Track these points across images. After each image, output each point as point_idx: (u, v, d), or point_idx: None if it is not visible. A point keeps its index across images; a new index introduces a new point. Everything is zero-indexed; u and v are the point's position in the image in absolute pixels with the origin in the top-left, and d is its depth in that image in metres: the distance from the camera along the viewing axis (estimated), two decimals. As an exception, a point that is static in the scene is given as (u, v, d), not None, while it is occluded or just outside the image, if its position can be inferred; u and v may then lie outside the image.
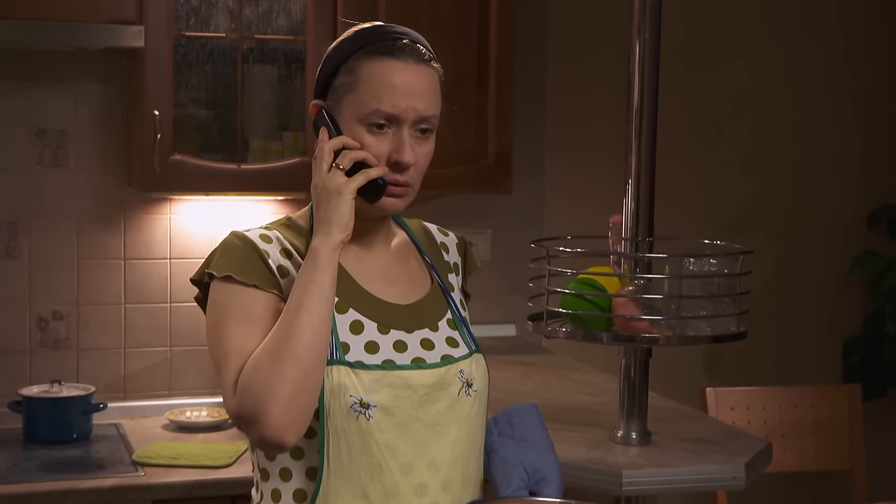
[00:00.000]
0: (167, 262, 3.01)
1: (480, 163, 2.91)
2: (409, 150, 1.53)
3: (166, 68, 2.66)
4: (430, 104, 1.54)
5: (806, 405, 3.20)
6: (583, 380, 2.76)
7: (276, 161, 2.78)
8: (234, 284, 1.51)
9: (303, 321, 1.44)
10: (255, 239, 1.55)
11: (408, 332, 1.57)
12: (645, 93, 2.00)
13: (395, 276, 1.62)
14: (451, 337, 1.60)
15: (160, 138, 2.64)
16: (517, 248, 3.26)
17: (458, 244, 1.76)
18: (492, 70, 2.89)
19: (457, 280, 1.72)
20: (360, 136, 1.53)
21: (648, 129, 2.02)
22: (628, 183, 2.01)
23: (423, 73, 1.54)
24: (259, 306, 1.50)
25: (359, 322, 1.54)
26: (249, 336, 1.48)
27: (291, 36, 2.80)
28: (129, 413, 2.97)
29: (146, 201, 2.96)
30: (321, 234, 1.48)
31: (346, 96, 1.53)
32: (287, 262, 1.54)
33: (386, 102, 1.51)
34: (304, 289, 1.46)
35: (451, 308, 1.64)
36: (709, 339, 1.95)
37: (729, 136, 3.62)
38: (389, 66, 1.52)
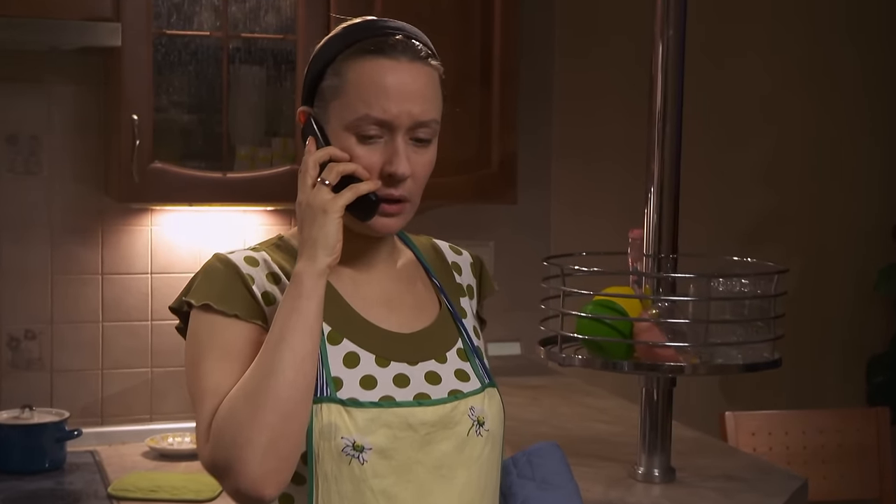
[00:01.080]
0: (148, 276, 2.93)
1: (483, 171, 2.85)
2: (403, 161, 1.41)
3: (146, 69, 2.59)
4: (428, 107, 1.43)
5: (831, 430, 3.12)
6: (595, 405, 2.67)
7: (264, 169, 2.71)
8: (213, 314, 1.41)
9: (284, 357, 1.33)
10: (239, 262, 1.45)
11: (411, 364, 1.46)
12: (668, 95, 1.89)
13: (397, 301, 1.51)
14: (460, 369, 1.49)
15: (139, 145, 2.56)
16: (522, 262, 3.24)
17: (473, 264, 1.65)
18: (496, 70, 2.83)
19: (470, 304, 1.61)
20: (348, 146, 1.42)
21: (672, 134, 1.91)
22: (650, 193, 1.88)
23: (419, 72, 1.43)
24: (239, 339, 1.40)
25: (354, 354, 1.43)
26: (227, 373, 1.37)
27: (281, 34, 2.73)
28: (106, 439, 2.87)
29: (125, 212, 2.88)
30: (305, 258, 1.37)
31: (332, 101, 1.43)
32: (274, 287, 1.44)
33: (376, 107, 1.40)
34: (286, 320, 1.35)
35: (461, 336, 1.52)
36: (740, 368, 1.82)
37: (748, 144, 3.57)
38: (379, 66, 1.41)
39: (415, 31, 1.48)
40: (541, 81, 3.31)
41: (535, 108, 3.30)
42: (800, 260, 3.60)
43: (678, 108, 1.88)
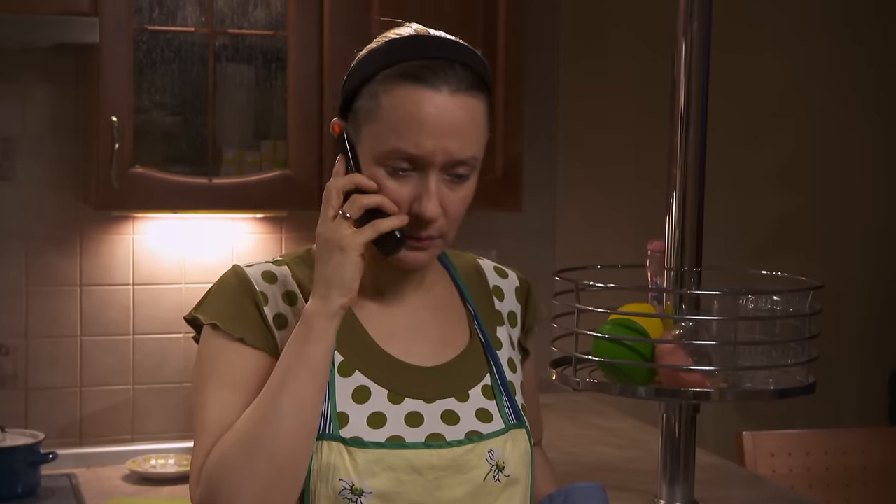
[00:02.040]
0: (129, 288, 2.87)
1: (487, 176, 2.68)
2: (433, 201, 1.32)
3: (125, 67, 2.53)
4: (468, 144, 1.34)
5: (855, 450, 3.02)
6: (606, 427, 2.61)
7: (252, 174, 2.66)
8: (220, 335, 1.36)
9: (282, 405, 1.28)
10: (255, 277, 1.39)
11: (427, 401, 1.38)
12: (692, 96, 1.81)
13: (423, 331, 1.43)
14: (483, 409, 1.41)
15: (118, 148, 2.51)
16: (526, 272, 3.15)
17: (519, 288, 1.57)
18: (500, 71, 2.77)
19: (510, 333, 1.52)
20: (377, 175, 1.34)
21: (696, 137, 1.83)
22: (671, 200, 1.77)
23: (461, 105, 1.33)
24: (244, 367, 1.35)
25: (365, 388, 1.37)
26: (228, 407, 1.33)
27: (271, 31, 2.68)
28: (84, 461, 2.79)
29: (105, 220, 2.84)
30: (317, 297, 1.31)
31: (365, 126, 1.35)
32: (288, 309, 1.38)
33: (408, 141, 1.31)
34: (290, 364, 1.29)
35: (491, 371, 1.44)
36: (773, 394, 1.70)
37: (762, 145, 3.53)
38: (417, 96, 1.31)
39: (466, 52, 1.37)
40: (546, 82, 3.27)
41: (541, 110, 3.26)
42: (817, 268, 3.54)
43: (703, 109, 1.80)
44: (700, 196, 1.82)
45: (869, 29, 3.59)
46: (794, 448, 2.97)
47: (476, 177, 1.38)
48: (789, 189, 3.55)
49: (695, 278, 1.80)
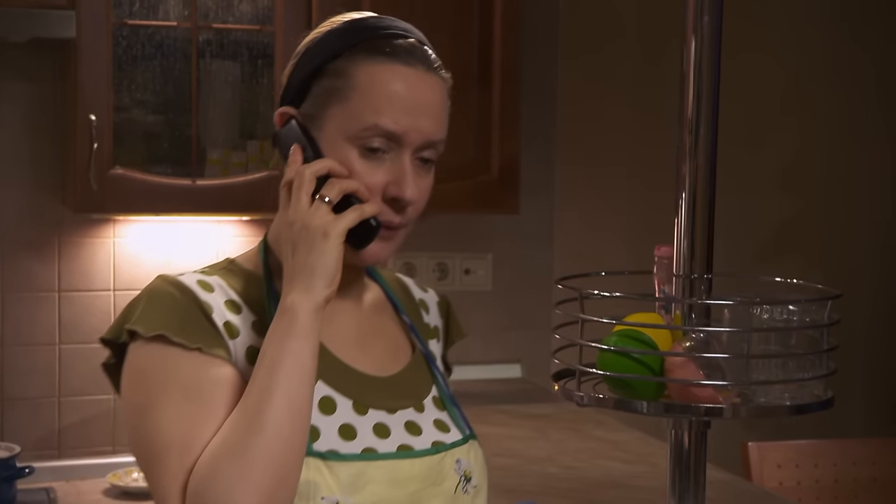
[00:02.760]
0: (110, 294, 2.85)
1: (482, 177, 2.79)
2: (412, 183, 1.30)
3: (104, 64, 2.50)
4: (440, 125, 1.33)
5: (865, 461, 2.96)
6: (609, 439, 2.54)
7: (238, 175, 2.65)
8: (169, 347, 1.25)
9: (278, 407, 1.20)
10: (193, 286, 1.30)
11: (390, 412, 1.35)
12: (703, 94, 1.69)
13: (371, 340, 1.40)
14: (439, 419, 1.39)
15: (97, 148, 2.49)
16: (522, 276, 3.22)
17: (440, 303, 1.55)
18: (496, 68, 2.78)
19: (437, 348, 1.51)
20: (348, 159, 1.29)
21: (707, 137, 1.71)
22: (680, 201, 1.69)
23: (434, 84, 1.33)
24: (205, 377, 1.25)
25: (330, 399, 1.31)
26: (196, 420, 1.22)
27: (257, 25, 2.68)
28: (63, 474, 2.72)
29: (84, 223, 2.81)
30: (300, 289, 1.24)
31: (332, 106, 1.30)
32: (235, 317, 1.30)
33: (387, 117, 1.28)
34: (279, 363, 1.22)
35: (436, 382, 1.43)
36: (789, 409, 1.61)
37: (765, 147, 3.48)
38: (394, 72, 1.30)
39: (422, 36, 1.37)
40: (544, 81, 3.24)
41: (538, 109, 3.23)
42: (821, 273, 3.51)
43: (713, 107, 1.68)
44: (711, 198, 1.73)
45: (873, 29, 3.57)
46: (802, 459, 2.92)
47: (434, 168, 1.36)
48: (792, 192, 3.52)
49: (705, 286, 1.70)
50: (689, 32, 1.71)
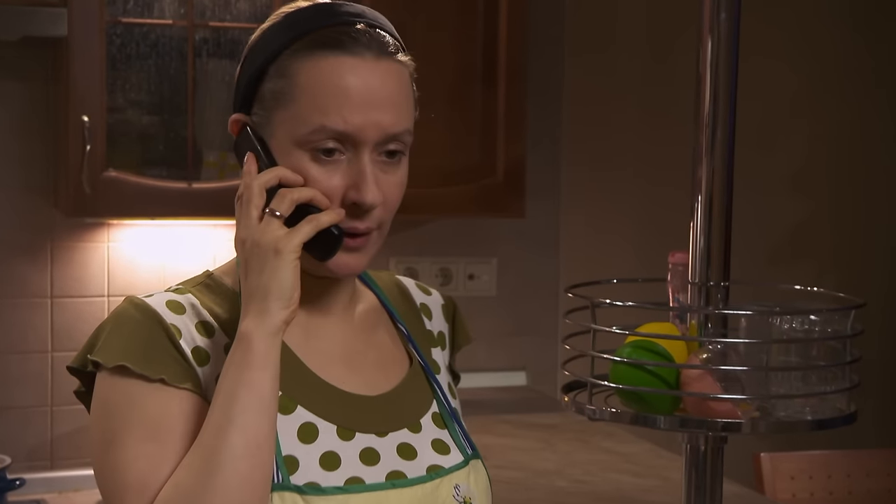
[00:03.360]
0: (104, 300, 2.81)
1: (487, 180, 2.75)
2: (371, 186, 1.20)
3: (97, 63, 2.48)
4: (400, 116, 1.23)
5: (880, 472, 2.91)
6: (619, 451, 2.49)
7: (235, 178, 2.58)
8: (131, 379, 1.18)
9: (234, 444, 1.12)
10: (161, 309, 1.22)
11: (380, 435, 1.27)
12: (719, 93, 1.64)
13: (360, 356, 1.32)
14: (438, 439, 1.31)
15: (90, 150, 2.46)
16: (528, 281, 3.20)
17: (445, 307, 1.46)
18: (501, 68, 2.74)
19: (443, 356, 1.41)
20: (301, 165, 1.20)
21: (724, 138, 1.66)
22: (696, 205, 1.64)
23: (389, 71, 1.22)
24: (169, 412, 1.18)
25: (311, 425, 1.23)
26: (156, 460, 1.16)
27: (255, 24, 2.57)
28: (56, 486, 2.71)
29: (77, 227, 2.78)
30: (254, 314, 1.16)
31: (278, 110, 1.22)
32: (206, 341, 1.23)
33: (335, 117, 1.19)
34: (234, 395, 1.14)
35: (437, 397, 1.34)
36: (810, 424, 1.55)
37: (776, 149, 3.44)
38: (339, 65, 1.20)
39: (377, 17, 1.27)
40: (550, 81, 3.21)
41: (543, 110, 3.20)
42: (834, 278, 3.47)
43: (731, 106, 1.64)
44: (728, 202, 1.68)
45: (885, 31, 3.54)
46: (815, 471, 2.87)
47: (407, 157, 1.26)
48: (804, 195, 3.48)
49: (722, 294, 1.64)
50: (705, 31, 1.67)
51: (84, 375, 1.23)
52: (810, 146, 3.48)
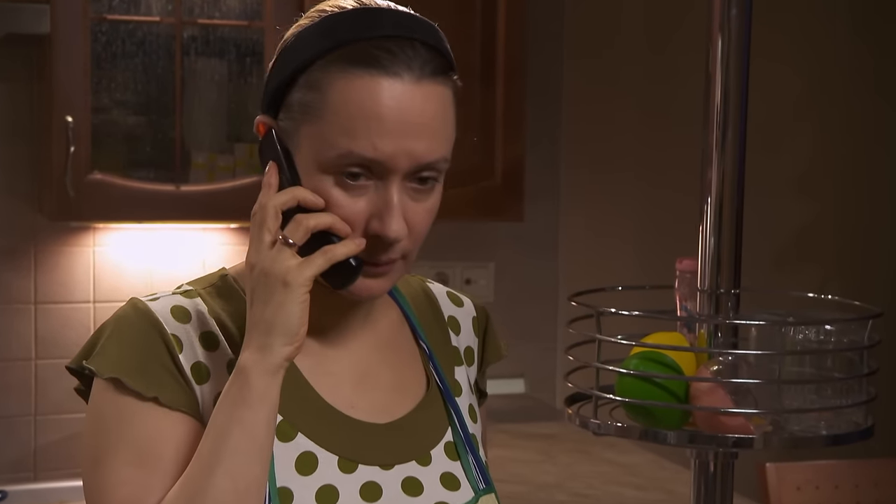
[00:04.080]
0: (90, 306, 2.79)
1: (485, 182, 2.73)
2: (397, 218, 1.11)
3: (82, 61, 2.46)
4: (436, 143, 1.13)
5: (888, 482, 2.86)
6: (621, 462, 2.45)
7: (225, 181, 2.61)
8: (124, 394, 1.12)
9: (219, 486, 1.07)
10: (164, 316, 1.16)
11: (385, 468, 1.19)
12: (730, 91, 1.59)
13: (374, 377, 1.24)
14: (448, 473, 1.23)
15: (74, 152, 2.44)
16: (526, 286, 3.19)
17: (477, 319, 1.36)
18: (500, 65, 2.73)
19: (468, 373, 1.33)
20: (324, 187, 1.12)
21: (735, 140, 1.61)
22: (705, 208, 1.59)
23: (428, 95, 1.13)
24: (161, 435, 1.12)
25: (310, 455, 1.16)
26: (141, 488, 1.10)
27: (245, 21, 2.65)
28: (40, 498, 2.70)
29: (62, 231, 2.76)
30: (254, 348, 1.09)
31: (305, 125, 1.13)
32: (208, 355, 1.16)
33: (364, 143, 1.10)
34: (226, 433, 1.08)
35: (453, 424, 1.26)
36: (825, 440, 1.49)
37: (781, 151, 3.40)
38: (374, 85, 1.11)
39: (425, 26, 1.16)
40: (549, 80, 3.19)
41: (542, 110, 3.18)
42: (839, 283, 3.45)
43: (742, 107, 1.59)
44: (738, 206, 1.63)
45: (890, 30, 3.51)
46: (822, 481, 2.82)
47: (441, 183, 1.17)
48: (809, 197, 3.45)
49: (733, 303, 1.58)
50: (714, 28, 1.62)
51: (82, 376, 1.19)
52: (815, 149, 3.45)
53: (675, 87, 3.10)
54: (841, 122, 3.47)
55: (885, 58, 3.50)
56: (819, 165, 3.46)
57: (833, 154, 3.47)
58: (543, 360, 3.11)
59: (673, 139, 3.15)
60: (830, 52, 3.45)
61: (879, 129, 3.51)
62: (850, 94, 3.46)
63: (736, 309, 1.64)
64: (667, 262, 2.02)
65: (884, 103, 3.50)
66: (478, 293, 3.09)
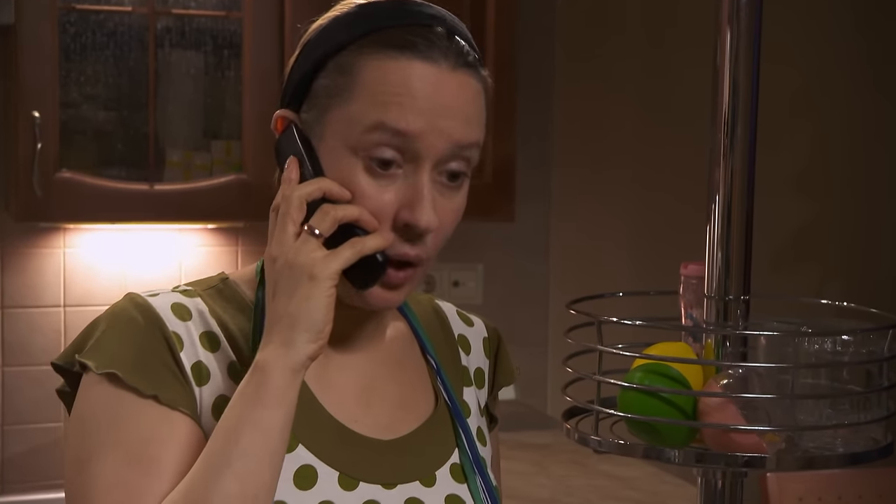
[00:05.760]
0: (60, 310, 2.77)
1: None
2: (428, 206, 1.08)
3: (49, 54, 2.44)
4: (470, 128, 1.12)
5: (892, 493, 2.82)
6: (618, 474, 2.41)
7: (201, 179, 2.58)
8: (121, 390, 1.09)
9: (226, 490, 1.02)
10: (164, 312, 1.13)
11: (387, 486, 1.16)
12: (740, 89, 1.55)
13: (379, 392, 1.21)
14: (454, 496, 1.20)
15: (41, 149, 2.41)
16: (516, 289, 3.19)
17: (488, 340, 1.35)
18: (490, 60, 2.67)
19: (477, 396, 1.30)
20: (351, 175, 1.10)
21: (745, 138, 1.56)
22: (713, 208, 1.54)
23: (464, 84, 1.12)
24: (159, 435, 1.08)
25: (310, 469, 1.13)
26: (135, 492, 1.06)
27: (223, 11, 2.61)
28: None
29: (30, 232, 2.73)
30: (277, 344, 1.06)
31: (333, 109, 1.12)
32: (209, 356, 1.13)
33: (395, 114, 1.08)
34: (237, 434, 1.04)
35: (460, 444, 1.23)
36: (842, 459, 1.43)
37: (779, 148, 3.36)
38: (409, 68, 1.10)
39: (458, 24, 1.16)
40: (540, 75, 3.18)
41: (533, 104, 3.17)
42: (839, 285, 3.39)
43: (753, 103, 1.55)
44: (749, 206, 1.58)
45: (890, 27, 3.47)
46: (825, 491, 2.78)
47: (467, 185, 1.17)
48: (808, 196, 3.41)
49: (742, 310, 1.52)
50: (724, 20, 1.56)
51: (69, 375, 1.15)
52: (813, 146, 3.41)
53: (673, 82, 3.06)
54: (840, 119, 3.44)
55: (886, 54, 3.46)
56: (818, 163, 3.42)
57: (833, 152, 3.44)
58: (533, 365, 3.09)
59: (671, 138, 3.12)
60: (827, 47, 3.41)
61: (879, 125, 3.47)
62: (849, 90, 3.43)
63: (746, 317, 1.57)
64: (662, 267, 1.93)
65: (883, 100, 3.46)
66: (466, 296, 3.08)
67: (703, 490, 1.61)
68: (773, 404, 1.45)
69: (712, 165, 1.60)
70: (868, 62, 3.43)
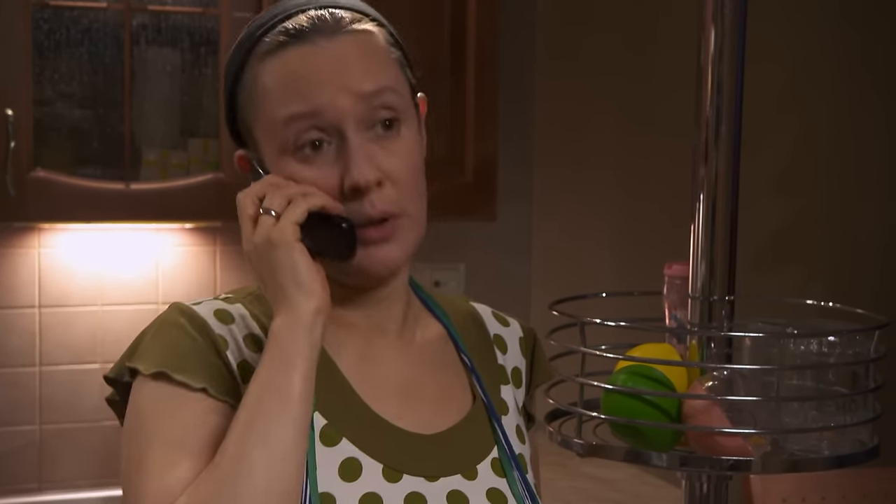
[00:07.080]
0: (35, 311, 2.76)
1: (455, 180, 2.70)
2: (359, 161, 1.16)
3: (22, 50, 2.43)
4: (371, 74, 1.19)
5: (878, 493, 2.84)
6: (601, 477, 2.42)
7: (178, 178, 2.57)
8: (171, 386, 1.16)
9: (253, 454, 1.08)
10: (208, 317, 1.20)
11: (430, 479, 1.21)
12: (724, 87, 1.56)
13: (417, 389, 1.27)
14: (495, 489, 1.25)
15: (14, 147, 2.41)
16: (497, 289, 3.18)
17: (524, 339, 1.42)
18: (471, 56, 2.69)
19: (514, 395, 1.36)
20: (292, 173, 1.19)
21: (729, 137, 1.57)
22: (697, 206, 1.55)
23: (345, 43, 1.21)
24: (206, 424, 1.14)
25: (355, 462, 1.18)
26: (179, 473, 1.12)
27: (199, 8, 2.60)
28: None
29: (4, 232, 2.72)
30: (281, 313, 1.13)
31: (256, 128, 1.23)
32: (254, 356, 1.20)
33: (298, 103, 1.18)
34: (259, 400, 1.10)
35: (498, 442, 1.28)
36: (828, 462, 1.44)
37: (762, 145, 3.36)
38: (293, 56, 1.20)
39: None
40: (521, 72, 3.18)
41: (515, 104, 3.16)
42: (822, 285, 3.39)
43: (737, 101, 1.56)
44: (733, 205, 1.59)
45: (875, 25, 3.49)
46: (808, 492, 2.79)
47: (414, 126, 1.23)
48: (791, 195, 3.41)
49: (727, 311, 1.52)
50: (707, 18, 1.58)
51: (120, 386, 1.21)
52: (797, 144, 3.42)
53: (656, 83, 3.06)
54: (825, 116, 3.44)
55: (871, 49, 3.47)
56: (802, 162, 3.43)
57: (817, 149, 3.45)
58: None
59: (654, 137, 3.13)
60: (813, 42, 3.42)
61: (865, 122, 3.48)
62: (836, 86, 3.43)
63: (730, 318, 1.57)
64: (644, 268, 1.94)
65: (870, 96, 3.47)
66: (447, 295, 3.08)
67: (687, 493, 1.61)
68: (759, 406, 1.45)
69: (696, 165, 1.61)
70: (852, 60, 3.44)
